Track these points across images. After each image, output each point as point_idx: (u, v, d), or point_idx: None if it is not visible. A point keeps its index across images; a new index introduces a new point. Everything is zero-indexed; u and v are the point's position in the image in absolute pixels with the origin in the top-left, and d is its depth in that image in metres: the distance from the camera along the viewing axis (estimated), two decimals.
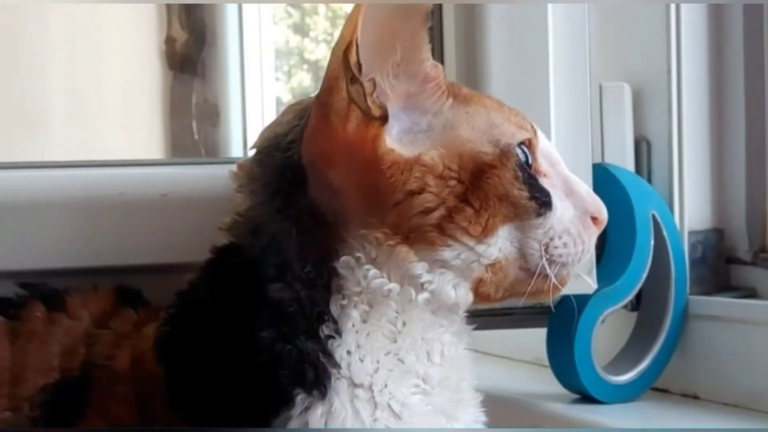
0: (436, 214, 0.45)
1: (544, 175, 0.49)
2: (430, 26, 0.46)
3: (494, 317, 0.72)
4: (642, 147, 0.74)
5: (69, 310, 0.55)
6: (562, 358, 0.70)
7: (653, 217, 0.71)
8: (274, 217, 0.46)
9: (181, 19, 1.23)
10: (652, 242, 0.70)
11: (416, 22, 0.45)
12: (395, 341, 0.47)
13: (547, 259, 0.48)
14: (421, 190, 0.45)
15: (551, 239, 0.48)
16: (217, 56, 1.25)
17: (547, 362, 0.73)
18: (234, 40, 1.26)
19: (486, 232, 0.46)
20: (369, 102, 0.45)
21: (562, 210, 0.49)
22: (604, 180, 0.70)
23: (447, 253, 0.46)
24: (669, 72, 0.73)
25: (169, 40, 1.22)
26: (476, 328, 0.53)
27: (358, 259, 0.46)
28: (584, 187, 0.51)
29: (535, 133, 0.50)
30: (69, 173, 0.65)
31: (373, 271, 0.46)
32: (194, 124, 1.22)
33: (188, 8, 1.21)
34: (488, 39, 0.65)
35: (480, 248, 0.46)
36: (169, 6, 1.20)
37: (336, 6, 1.29)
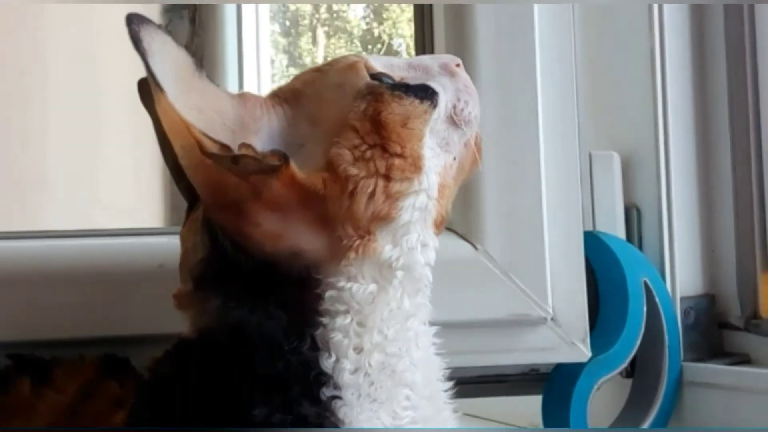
0: (379, 190, 0.46)
1: (403, 78, 0.50)
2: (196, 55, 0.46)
3: (488, 384, 0.72)
4: (632, 214, 0.75)
5: (55, 384, 0.55)
6: (559, 426, 0.70)
7: (645, 283, 0.71)
8: (253, 315, 0.45)
9: None
10: (645, 309, 0.71)
11: (194, 80, 0.45)
12: (387, 352, 0.47)
13: (464, 123, 0.50)
14: (355, 184, 0.45)
15: (454, 108, 0.50)
16: None
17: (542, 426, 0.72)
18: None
19: (416, 164, 0.47)
20: (263, 159, 0.44)
21: (439, 86, 0.50)
22: (595, 248, 0.71)
23: (405, 215, 0.46)
24: (657, 140, 0.75)
25: None
26: (470, 396, 0.53)
27: (341, 288, 0.46)
28: (426, 57, 0.52)
29: (362, 57, 0.50)
30: (66, 243, 0.66)
31: (355, 286, 0.46)
32: None
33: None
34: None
35: (424, 183, 0.47)
36: None
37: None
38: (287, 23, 1.43)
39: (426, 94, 0.49)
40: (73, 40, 1.15)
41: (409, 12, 1.34)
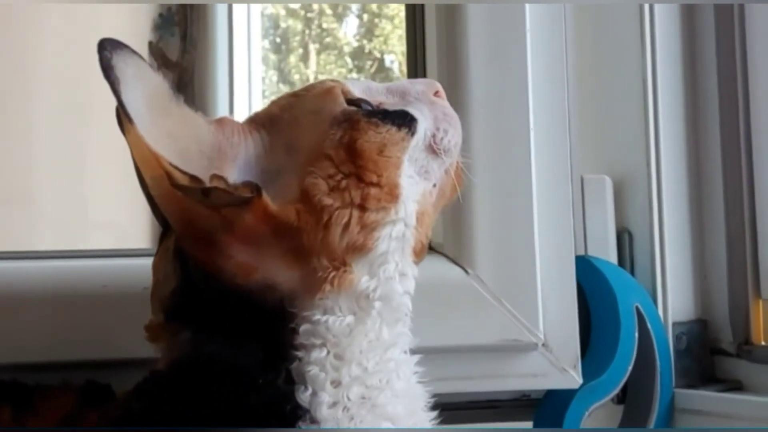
0: (354, 220, 0.44)
1: (381, 104, 0.49)
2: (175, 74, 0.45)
3: (478, 410, 0.71)
4: (624, 239, 0.75)
5: (37, 412, 0.53)
6: None
7: (637, 309, 0.71)
8: (225, 348, 0.44)
9: None
10: (637, 334, 0.70)
11: (170, 107, 0.44)
12: (366, 385, 0.45)
13: (443, 152, 0.48)
14: (330, 215, 0.44)
15: (433, 136, 0.48)
16: None
17: None
18: None
19: (393, 193, 0.45)
20: (234, 191, 0.43)
21: (418, 112, 0.49)
22: (587, 272, 0.70)
23: (382, 245, 0.45)
24: (649, 164, 0.74)
25: None
26: (460, 422, 0.52)
27: (316, 322, 0.45)
28: (405, 82, 0.51)
29: (339, 81, 0.49)
30: (49, 264, 0.65)
31: (331, 319, 0.45)
32: None
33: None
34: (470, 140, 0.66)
35: (401, 212, 0.46)
36: None
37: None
38: (278, 40, 1.43)
39: (404, 120, 0.47)
40: (59, 56, 1.14)
41: (400, 29, 1.34)
